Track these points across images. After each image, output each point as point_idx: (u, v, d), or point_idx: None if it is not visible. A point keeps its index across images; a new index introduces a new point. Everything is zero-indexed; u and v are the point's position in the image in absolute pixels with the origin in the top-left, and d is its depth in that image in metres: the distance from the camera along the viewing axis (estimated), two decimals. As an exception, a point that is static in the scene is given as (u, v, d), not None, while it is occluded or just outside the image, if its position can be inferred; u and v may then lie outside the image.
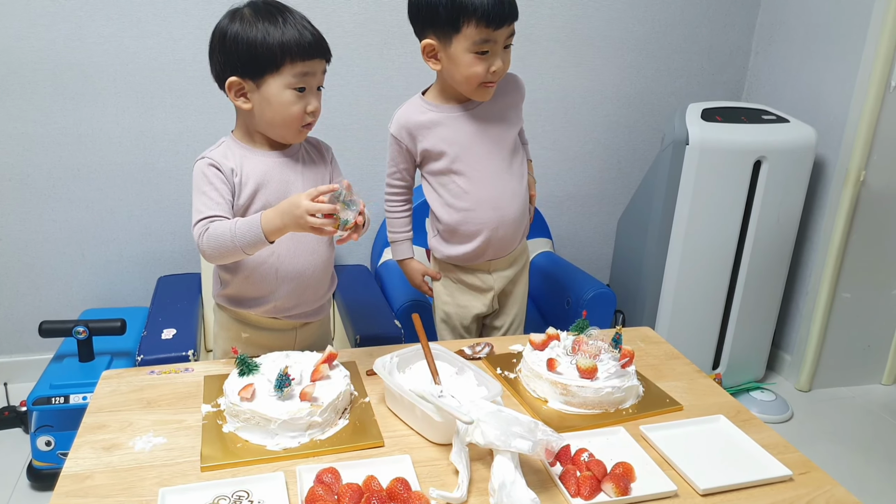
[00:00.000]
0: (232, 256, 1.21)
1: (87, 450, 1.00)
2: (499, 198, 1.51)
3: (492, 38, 1.36)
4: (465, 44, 1.37)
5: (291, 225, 1.13)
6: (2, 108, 2.06)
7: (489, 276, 1.61)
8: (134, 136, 2.17)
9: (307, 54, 1.22)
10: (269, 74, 1.22)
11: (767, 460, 1.03)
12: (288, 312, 1.36)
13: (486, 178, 1.50)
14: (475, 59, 1.38)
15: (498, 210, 1.52)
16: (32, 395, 1.71)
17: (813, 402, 2.42)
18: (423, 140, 1.50)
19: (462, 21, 1.34)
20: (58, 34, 2.03)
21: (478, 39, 1.35)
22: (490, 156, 1.50)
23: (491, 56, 1.38)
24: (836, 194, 2.29)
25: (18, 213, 2.17)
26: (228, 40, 1.22)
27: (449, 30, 1.36)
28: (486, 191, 1.50)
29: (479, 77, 1.40)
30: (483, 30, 1.35)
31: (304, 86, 1.24)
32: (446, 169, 1.50)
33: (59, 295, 2.27)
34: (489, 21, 1.33)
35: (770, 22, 2.57)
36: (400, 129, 1.51)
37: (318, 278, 1.35)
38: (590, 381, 1.14)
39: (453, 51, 1.38)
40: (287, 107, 1.24)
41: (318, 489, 0.89)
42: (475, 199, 1.51)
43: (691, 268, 2.23)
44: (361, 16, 2.23)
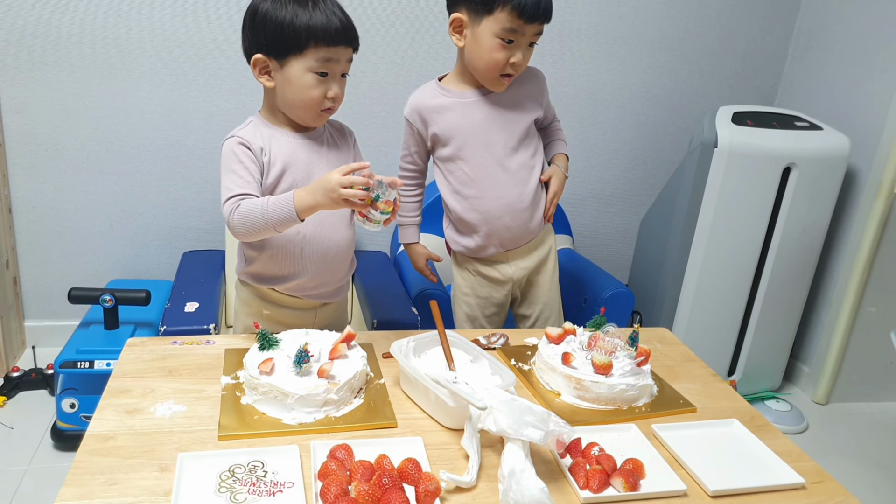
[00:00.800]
0: (262, 234, 1.23)
1: (110, 412, 1.04)
2: (502, 186, 1.52)
3: (520, 30, 1.38)
4: (494, 27, 1.38)
5: (323, 200, 1.16)
6: (41, 79, 2.11)
7: (507, 267, 1.61)
8: (166, 113, 2.21)
9: (332, 40, 1.22)
10: (292, 56, 1.23)
11: (780, 467, 1.02)
12: (310, 291, 1.38)
13: (490, 167, 1.51)
14: (499, 46, 1.39)
15: (501, 199, 1.52)
16: (59, 358, 1.76)
17: (829, 415, 2.39)
18: (433, 124, 1.51)
19: (497, 4, 1.36)
20: (98, 9, 2.07)
21: (507, 27, 1.37)
22: (495, 144, 1.50)
23: (514, 47, 1.39)
24: (867, 206, 2.26)
25: (52, 183, 2.22)
26: (258, 17, 1.24)
27: (482, 8, 1.38)
28: (488, 179, 1.51)
29: (499, 64, 1.41)
30: (515, 19, 1.36)
31: (326, 71, 1.25)
32: (453, 155, 1.51)
33: (87, 264, 2.33)
34: (522, 13, 1.35)
35: (808, 27, 2.53)
36: (412, 112, 1.53)
37: (340, 259, 1.38)
38: (604, 377, 1.14)
39: (480, 30, 1.39)
40: (307, 90, 1.25)
41: (330, 464, 0.91)
42: (479, 187, 1.51)
43: (712, 272, 2.22)
44: (394, 4, 2.24)
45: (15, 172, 2.19)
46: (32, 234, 2.26)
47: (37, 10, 2.04)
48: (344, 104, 1.32)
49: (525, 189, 1.54)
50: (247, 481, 0.90)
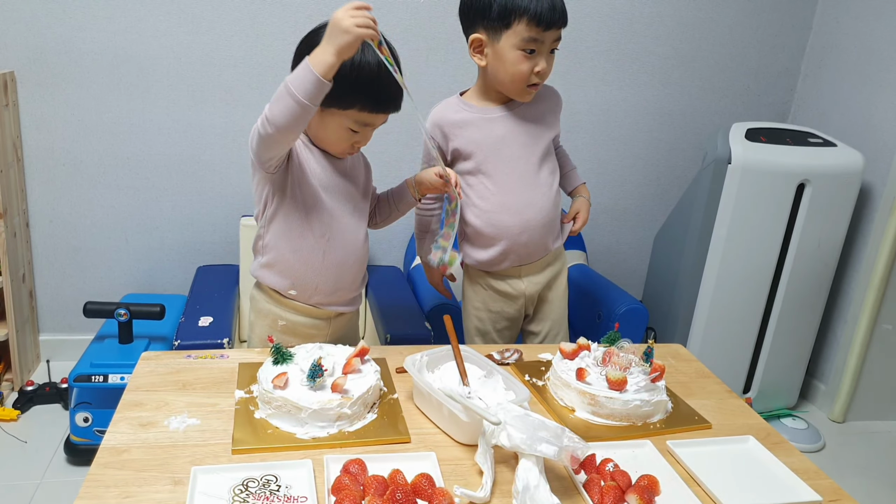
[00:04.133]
0: (292, 113, 1.13)
1: (124, 425, 1.04)
2: (523, 202, 1.52)
3: (540, 38, 1.39)
4: (514, 40, 1.39)
5: (337, 37, 1.08)
6: (60, 95, 2.15)
7: (520, 282, 1.61)
8: (182, 129, 2.24)
9: (376, 108, 1.27)
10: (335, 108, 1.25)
11: (797, 484, 1.01)
12: (326, 298, 1.38)
13: (511, 182, 1.51)
14: (522, 57, 1.40)
15: (521, 214, 1.52)
16: (74, 372, 1.77)
17: (846, 434, 2.36)
18: (455, 139, 1.52)
19: (514, 18, 1.37)
20: (117, 27, 2.11)
21: (527, 37, 1.38)
22: (518, 160, 1.51)
23: (537, 56, 1.41)
24: (882, 222, 2.24)
25: (69, 197, 2.25)
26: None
27: (499, 25, 1.39)
28: (510, 194, 1.51)
29: (524, 75, 1.42)
30: (533, 28, 1.37)
31: (358, 130, 1.28)
32: (474, 169, 1.52)
33: (103, 279, 2.35)
34: (539, 21, 1.37)
35: (821, 45, 2.53)
36: (433, 127, 1.54)
37: (358, 265, 1.41)
38: (619, 392, 1.13)
39: (501, 46, 1.41)
40: (338, 137, 1.30)
41: (344, 479, 0.91)
42: (499, 202, 1.51)
43: (727, 289, 2.20)
44: (407, 21, 2.27)
45: (33, 187, 2.22)
46: (49, 248, 2.29)
47: (57, 28, 2.08)
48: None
49: (545, 205, 1.55)
50: (260, 495, 0.90)
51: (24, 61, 2.10)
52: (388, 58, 1.17)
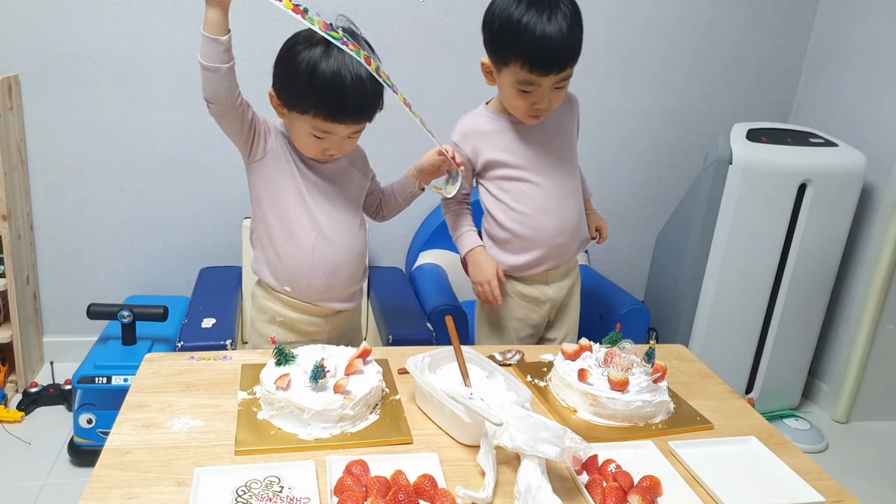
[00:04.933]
0: (206, 77, 1.26)
1: (128, 426, 1.04)
2: (559, 205, 1.51)
3: (535, 82, 1.35)
4: (510, 78, 1.37)
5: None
6: (64, 98, 2.15)
7: (547, 288, 1.58)
8: (185, 131, 2.25)
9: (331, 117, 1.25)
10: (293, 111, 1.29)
11: (799, 485, 1.01)
12: (321, 295, 1.38)
13: (548, 185, 1.50)
14: (518, 94, 1.38)
15: (557, 217, 1.51)
16: (77, 373, 1.78)
17: (849, 434, 2.35)
18: (486, 150, 1.49)
19: (510, 57, 1.33)
20: (120, 30, 2.12)
21: (521, 79, 1.35)
22: (553, 164, 1.50)
23: (535, 95, 1.37)
24: (884, 222, 2.24)
25: (73, 200, 2.26)
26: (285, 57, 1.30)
27: (498, 59, 1.37)
28: (548, 198, 1.50)
29: (521, 110, 1.41)
30: (526, 73, 1.33)
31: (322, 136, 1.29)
32: (510, 175, 1.49)
33: (106, 281, 2.36)
34: (533, 66, 1.32)
35: (822, 45, 2.53)
36: (463, 139, 1.51)
37: (351, 265, 1.39)
38: (621, 393, 1.14)
39: (501, 78, 1.40)
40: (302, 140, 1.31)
41: (346, 480, 0.92)
42: (538, 205, 1.49)
43: (729, 289, 2.20)
44: (409, 23, 2.27)
45: (37, 190, 2.23)
46: (52, 250, 2.30)
47: (61, 32, 2.09)
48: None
49: (578, 207, 1.55)
50: (263, 496, 0.90)
51: (27, 64, 2.11)
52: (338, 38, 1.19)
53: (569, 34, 1.31)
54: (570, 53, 1.33)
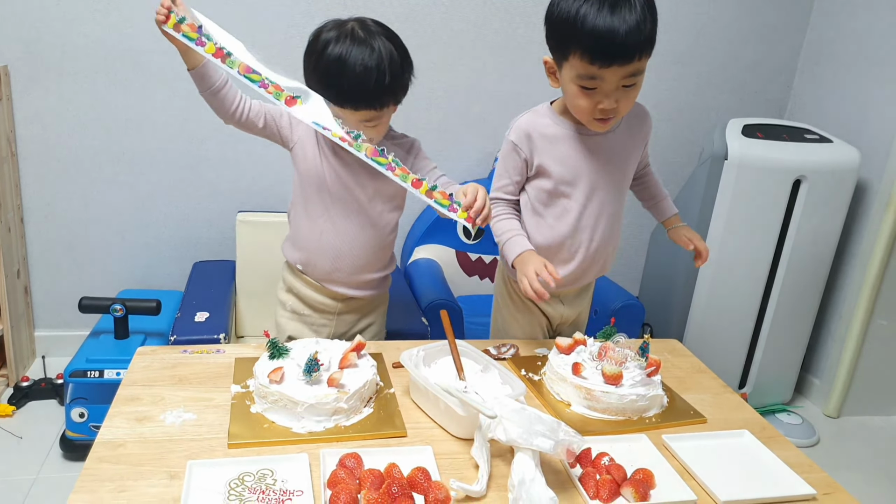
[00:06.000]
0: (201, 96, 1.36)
1: (120, 420, 1.04)
2: (593, 227, 1.39)
3: (598, 76, 1.19)
4: (571, 73, 1.22)
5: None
6: (55, 89, 2.14)
7: (561, 305, 1.50)
8: (178, 124, 2.23)
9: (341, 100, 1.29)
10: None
11: (791, 478, 1.01)
12: (325, 277, 1.45)
13: (591, 206, 1.37)
14: (580, 92, 1.22)
15: (587, 239, 1.40)
16: (69, 367, 1.77)
17: (841, 429, 2.37)
18: (542, 153, 1.35)
19: (570, 49, 1.19)
20: (112, 20, 2.10)
21: (582, 73, 1.20)
22: (606, 185, 1.37)
23: (599, 93, 1.21)
24: (878, 218, 2.24)
25: (64, 193, 2.24)
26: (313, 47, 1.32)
27: (559, 54, 1.24)
28: (585, 217, 1.38)
29: (584, 112, 1.25)
30: (587, 65, 1.17)
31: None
32: (555, 190, 1.36)
33: (98, 274, 2.34)
34: (593, 56, 1.16)
35: (818, 41, 2.53)
36: (521, 137, 1.35)
37: (353, 254, 1.43)
38: (614, 387, 1.14)
39: (563, 76, 1.25)
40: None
41: (340, 472, 0.91)
42: (571, 225, 1.38)
43: (723, 285, 2.21)
44: (406, 16, 2.26)
45: (27, 182, 2.21)
46: (44, 243, 2.28)
47: (51, 22, 2.07)
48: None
49: (609, 233, 1.43)
50: (256, 489, 0.90)
51: (17, 55, 2.09)
52: (189, 34, 1.24)
53: (637, 19, 1.15)
54: (637, 41, 1.15)
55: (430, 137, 2.40)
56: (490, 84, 2.38)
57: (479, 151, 2.45)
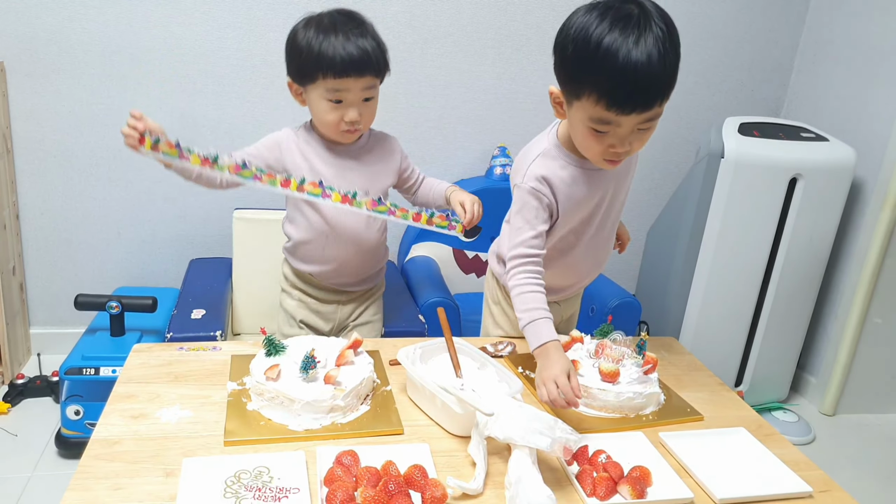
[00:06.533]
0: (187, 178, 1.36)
1: (116, 417, 1.03)
2: (593, 256, 1.38)
3: (614, 122, 1.08)
4: (582, 115, 1.10)
5: None
6: (51, 86, 2.13)
7: (558, 307, 1.48)
8: (175, 120, 2.23)
9: (339, 72, 1.32)
10: (308, 83, 1.36)
11: (787, 475, 1.02)
12: (310, 267, 1.53)
13: (591, 238, 1.33)
14: (592, 134, 1.12)
15: (588, 275, 1.42)
16: (65, 365, 1.76)
17: (837, 426, 2.38)
18: (563, 201, 1.24)
19: (584, 90, 1.07)
20: (108, 17, 2.09)
21: (595, 117, 1.09)
22: (605, 216, 1.32)
23: (611, 137, 1.11)
24: (873, 217, 2.25)
25: (61, 190, 2.23)
26: (288, 42, 1.39)
27: (569, 90, 1.12)
28: (585, 249, 1.35)
29: (595, 153, 1.16)
30: (603, 110, 1.07)
31: (339, 99, 1.35)
32: (563, 227, 1.28)
33: (94, 272, 2.33)
34: (611, 102, 1.05)
35: (814, 40, 2.54)
36: (542, 184, 1.22)
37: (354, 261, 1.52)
38: (611, 384, 1.14)
39: (573, 114, 1.14)
40: (324, 114, 1.37)
41: (336, 470, 0.91)
42: (572, 259, 1.35)
43: (719, 283, 2.21)
44: (404, 14, 2.26)
45: (23, 179, 2.20)
46: (39, 240, 2.27)
47: (47, 18, 2.06)
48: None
49: (604, 258, 1.41)
50: (252, 487, 0.90)
51: (13, 51, 2.08)
52: (169, 152, 1.26)
53: (660, 63, 1.02)
54: (658, 87, 1.05)
55: (428, 135, 2.40)
56: (488, 82, 2.38)
57: (477, 149, 2.45)
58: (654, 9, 1.06)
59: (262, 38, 2.19)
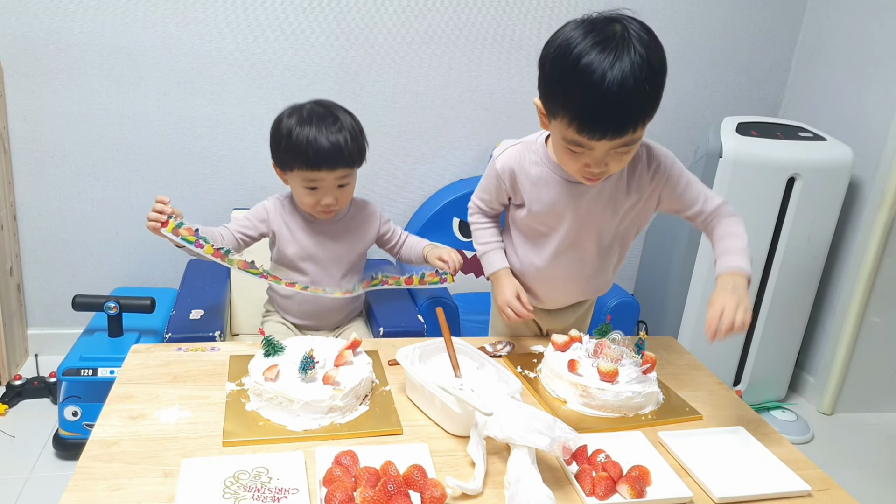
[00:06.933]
0: (191, 255, 1.51)
1: (114, 418, 1.03)
2: (559, 280, 1.36)
3: (587, 145, 1.06)
4: (559, 134, 1.10)
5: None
6: (49, 86, 2.12)
7: (547, 317, 1.49)
8: (173, 121, 2.22)
9: (313, 165, 1.45)
10: (287, 171, 1.51)
11: (786, 474, 1.02)
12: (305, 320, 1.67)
13: (575, 247, 1.31)
14: (567, 151, 1.10)
15: (553, 291, 1.39)
16: (63, 365, 1.76)
17: (835, 425, 2.38)
18: (521, 191, 1.29)
19: (555, 109, 1.06)
20: (106, 17, 2.09)
21: (568, 138, 1.07)
22: (593, 228, 1.28)
23: (587, 157, 1.09)
24: (871, 216, 2.25)
25: (58, 190, 2.23)
26: (273, 128, 1.51)
27: (546, 109, 1.11)
28: (549, 272, 1.34)
29: (572, 170, 1.15)
30: (573, 134, 1.05)
31: (314, 186, 1.48)
32: (535, 231, 1.32)
33: (92, 272, 2.33)
34: (581, 127, 1.03)
35: (812, 40, 2.54)
36: (505, 171, 1.29)
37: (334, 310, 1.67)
38: (610, 384, 1.14)
39: (552, 129, 1.13)
40: (302, 197, 1.52)
41: (335, 470, 0.91)
42: (551, 261, 1.33)
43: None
44: (402, 14, 2.26)
45: (20, 179, 2.20)
46: (37, 240, 2.27)
47: (45, 18, 2.06)
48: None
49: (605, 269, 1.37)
50: (251, 487, 0.90)
51: (11, 51, 2.07)
52: (187, 237, 1.44)
53: (634, 89, 0.99)
54: (630, 114, 1.02)
55: (427, 135, 2.40)
56: (485, 82, 2.38)
57: (475, 149, 2.45)
58: (639, 30, 1.02)
59: (260, 38, 2.19)
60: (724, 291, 1.12)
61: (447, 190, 2.40)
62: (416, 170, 2.42)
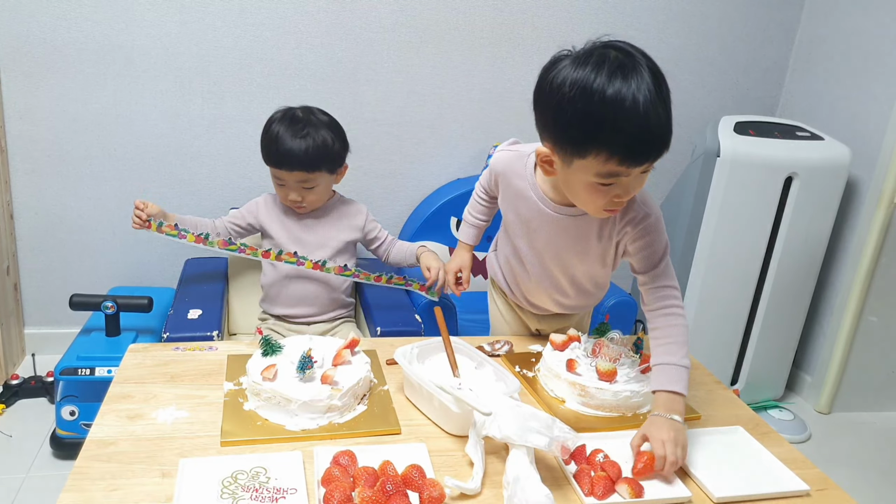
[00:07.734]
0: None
1: (112, 417, 1.03)
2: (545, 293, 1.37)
3: (623, 173, 1.04)
4: (587, 172, 1.05)
5: None
6: (45, 85, 2.11)
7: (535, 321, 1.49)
8: (170, 119, 2.22)
9: (275, 164, 1.65)
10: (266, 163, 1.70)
11: (785, 474, 1.02)
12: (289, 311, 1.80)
13: (545, 264, 1.32)
14: (595, 188, 1.07)
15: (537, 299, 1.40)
16: (60, 365, 1.75)
17: (832, 425, 2.38)
18: (501, 197, 1.32)
19: (591, 150, 1.02)
20: (103, 16, 2.08)
21: (604, 172, 1.04)
22: (562, 253, 1.28)
23: (616, 188, 1.07)
24: (868, 216, 2.26)
25: (54, 189, 2.22)
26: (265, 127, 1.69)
27: (572, 151, 1.05)
28: (539, 270, 1.34)
29: (597, 207, 1.12)
30: (615, 165, 1.02)
31: (281, 182, 1.67)
32: (513, 242, 1.34)
33: (89, 271, 2.32)
34: (625, 157, 1.01)
35: (809, 39, 2.54)
36: (495, 168, 1.32)
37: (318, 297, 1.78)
38: (608, 383, 1.14)
39: (572, 172, 1.08)
40: (275, 188, 1.72)
41: (334, 470, 0.91)
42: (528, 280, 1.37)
43: (715, 282, 2.22)
44: (399, 13, 2.25)
45: (17, 178, 2.19)
46: (34, 240, 2.26)
47: (41, 17, 2.05)
48: (347, 112, 1.35)
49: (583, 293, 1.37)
50: (249, 487, 0.89)
51: (7, 51, 2.06)
52: (170, 233, 1.72)
53: (660, 104, 1.00)
54: (666, 131, 1.03)
55: (424, 134, 2.40)
56: (483, 81, 2.38)
57: (472, 149, 2.45)
58: (631, 50, 1.02)
59: (258, 37, 2.19)
60: (663, 428, 1.02)
61: (444, 189, 2.39)
62: (413, 169, 2.42)
